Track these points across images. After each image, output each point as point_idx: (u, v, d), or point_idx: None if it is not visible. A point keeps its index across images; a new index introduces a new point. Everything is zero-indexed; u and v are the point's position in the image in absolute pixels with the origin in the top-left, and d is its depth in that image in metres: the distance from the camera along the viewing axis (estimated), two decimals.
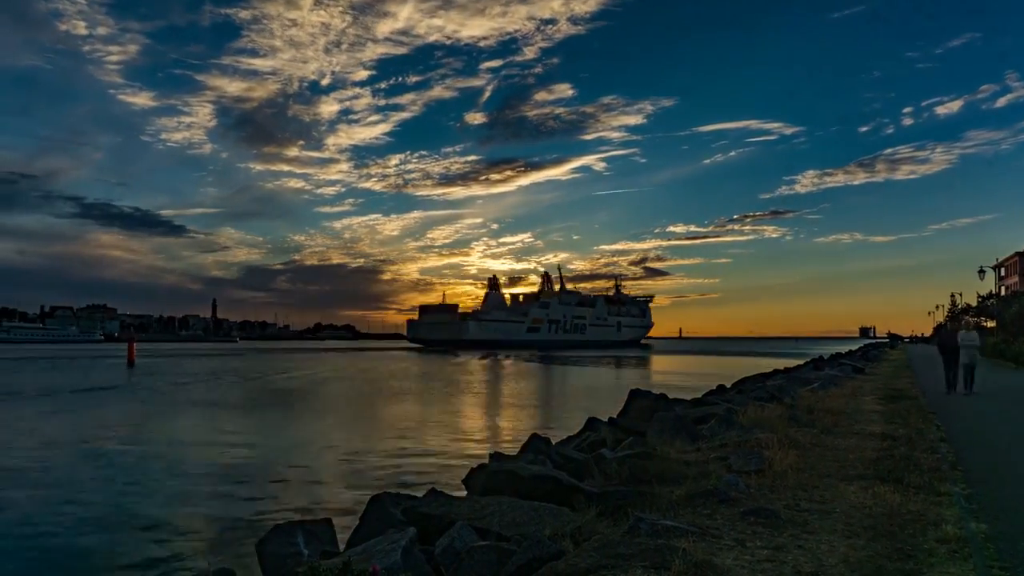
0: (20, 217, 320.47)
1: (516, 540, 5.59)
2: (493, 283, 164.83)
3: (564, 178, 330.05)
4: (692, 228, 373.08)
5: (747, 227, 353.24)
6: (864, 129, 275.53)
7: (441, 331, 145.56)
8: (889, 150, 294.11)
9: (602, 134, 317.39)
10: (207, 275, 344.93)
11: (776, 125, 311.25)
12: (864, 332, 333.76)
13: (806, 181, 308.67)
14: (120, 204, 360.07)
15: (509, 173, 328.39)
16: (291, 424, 26.13)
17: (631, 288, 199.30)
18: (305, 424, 26.03)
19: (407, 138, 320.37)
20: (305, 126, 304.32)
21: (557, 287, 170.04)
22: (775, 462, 8.33)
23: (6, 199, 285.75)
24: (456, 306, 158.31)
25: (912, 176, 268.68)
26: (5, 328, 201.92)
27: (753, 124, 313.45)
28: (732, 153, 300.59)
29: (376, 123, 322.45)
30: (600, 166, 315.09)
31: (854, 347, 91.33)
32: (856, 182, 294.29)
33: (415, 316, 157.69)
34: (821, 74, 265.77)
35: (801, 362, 47.86)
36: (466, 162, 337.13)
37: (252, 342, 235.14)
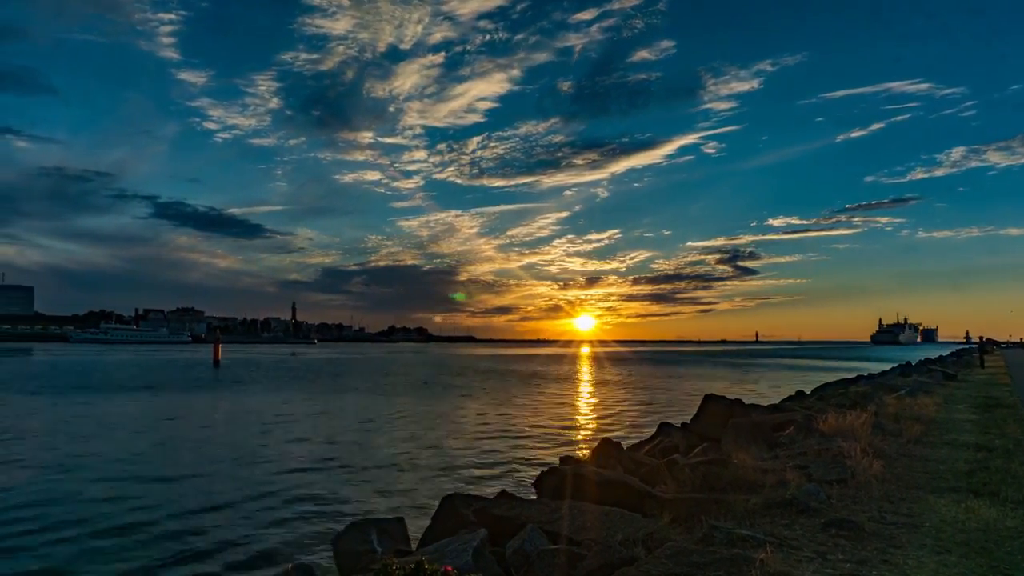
0: (97, 219, 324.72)
1: (587, 544, 5.56)
2: (880, 322, 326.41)
3: (661, 163, 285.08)
4: (793, 221, 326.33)
5: (857, 218, 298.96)
6: None
7: (888, 337, 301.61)
8: None
9: (708, 105, 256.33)
10: (285, 278, 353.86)
11: (924, 87, 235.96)
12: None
13: (949, 161, 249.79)
14: (193, 203, 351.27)
15: (596, 157, 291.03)
16: None
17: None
18: None
19: (487, 115, 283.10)
20: (379, 104, 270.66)
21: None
22: (859, 472, 7.98)
23: (80, 200, 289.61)
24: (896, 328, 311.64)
25: None
26: (103, 330, 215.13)
27: (896, 87, 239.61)
28: (876, 125, 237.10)
29: (454, 97, 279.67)
30: (700, 148, 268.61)
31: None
32: (1007, 163, 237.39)
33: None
34: (996, 12, 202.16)
35: (887, 367, 45.79)
36: (551, 144, 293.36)
37: (329, 344, 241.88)
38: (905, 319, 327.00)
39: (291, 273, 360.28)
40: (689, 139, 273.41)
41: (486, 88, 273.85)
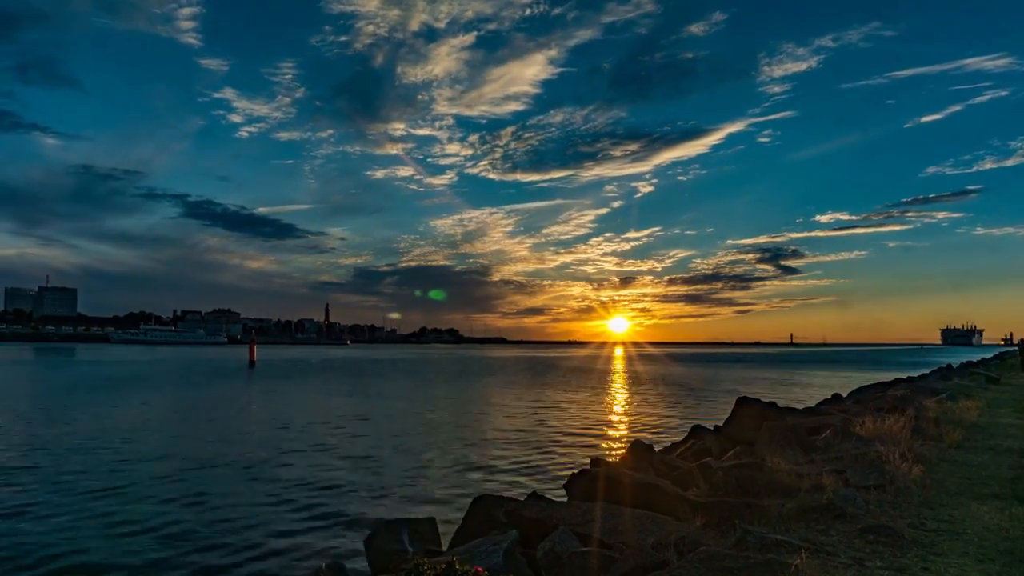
0: (127, 219, 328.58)
1: (618, 547, 5.52)
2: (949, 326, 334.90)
3: (706, 153, 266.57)
4: (842, 217, 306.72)
5: (911, 213, 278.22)
6: None
7: (960, 339, 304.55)
8: None
9: (760, 88, 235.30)
10: (317, 279, 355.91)
11: (1005, 62, 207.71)
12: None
13: (1023, 150, 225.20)
14: (223, 201, 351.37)
15: (637, 148, 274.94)
16: None
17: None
18: None
19: (523, 103, 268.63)
20: (411, 91, 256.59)
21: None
22: (897, 477, 7.81)
23: (109, 199, 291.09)
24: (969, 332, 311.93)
25: None
26: (143, 331, 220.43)
27: (971, 64, 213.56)
28: (953, 108, 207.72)
29: (489, 82, 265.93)
30: (749, 136, 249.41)
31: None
32: None
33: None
34: None
35: (927, 371, 44.77)
36: (589, 134, 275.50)
37: (362, 345, 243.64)
38: (973, 325, 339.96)
39: (323, 274, 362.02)
40: (738, 127, 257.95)
41: (522, 71, 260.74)
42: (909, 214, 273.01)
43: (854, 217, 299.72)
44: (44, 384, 47.52)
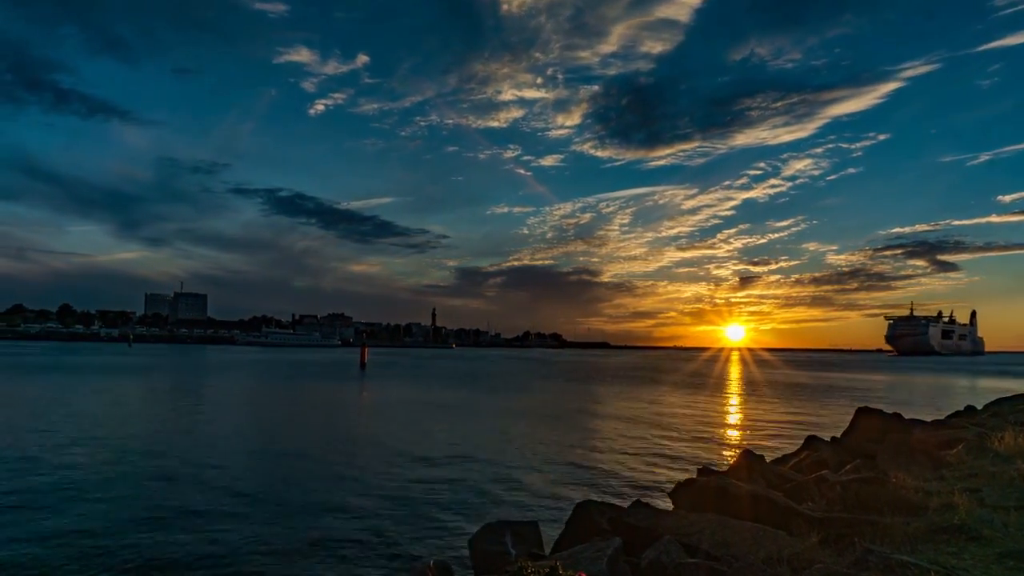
0: (222, 219, 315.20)
1: (727, 560, 5.34)
2: None
3: (879, 105, 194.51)
4: None
5: None
6: None
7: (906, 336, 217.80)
8: None
9: (976, 3, 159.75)
10: (420, 283, 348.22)
11: None
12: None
13: None
14: (312, 195, 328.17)
15: (782, 105, 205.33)
16: None
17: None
18: None
19: (665, 39, 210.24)
20: (516, 31, 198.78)
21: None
22: None
23: (200, 197, 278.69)
24: None
25: None
26: (264, 333, 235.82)
27: None
28: None
29: (609, 22, 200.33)
30: (946, 80, 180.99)
31: None
32: None
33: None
34: None
35: None
36: (727, 83, 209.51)
37: (467, 349, 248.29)
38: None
39: (426, 277, 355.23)
40: (928, 67, 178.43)
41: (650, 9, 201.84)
42: None
43: None
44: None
